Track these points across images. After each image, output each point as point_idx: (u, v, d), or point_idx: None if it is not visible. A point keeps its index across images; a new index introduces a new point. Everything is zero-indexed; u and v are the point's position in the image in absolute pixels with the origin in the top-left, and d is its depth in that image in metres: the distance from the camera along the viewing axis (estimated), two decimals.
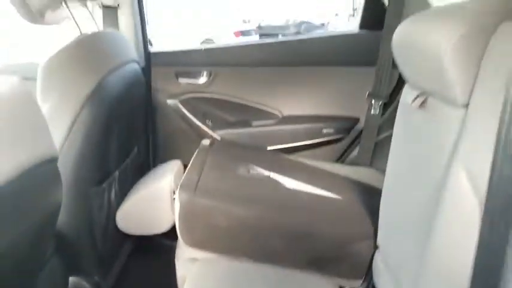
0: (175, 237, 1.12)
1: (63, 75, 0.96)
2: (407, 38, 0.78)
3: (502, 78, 0.55)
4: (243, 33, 9.54)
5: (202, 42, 9.40)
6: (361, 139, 1.51)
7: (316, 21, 11.82)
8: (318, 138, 1.58)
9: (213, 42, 9.32)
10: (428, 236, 0.71)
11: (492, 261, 0.56)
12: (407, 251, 0.81)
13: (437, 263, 0.69)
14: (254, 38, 9.82)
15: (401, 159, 0.90)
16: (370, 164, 1.47)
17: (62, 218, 0.87)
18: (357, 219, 1.08)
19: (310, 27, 11.39)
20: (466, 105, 0.63)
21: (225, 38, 9.10)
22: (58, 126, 0.93)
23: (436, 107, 0.73)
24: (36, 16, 1.00)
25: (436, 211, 0.69)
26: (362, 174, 1.37)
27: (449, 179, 0.66)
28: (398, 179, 0.91)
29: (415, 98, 0.79)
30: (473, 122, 0.62)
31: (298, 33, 11.55)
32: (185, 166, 1.27)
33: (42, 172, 0.63)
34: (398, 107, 0.92)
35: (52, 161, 0.66)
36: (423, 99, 0.77)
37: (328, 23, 11.96)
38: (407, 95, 0.86)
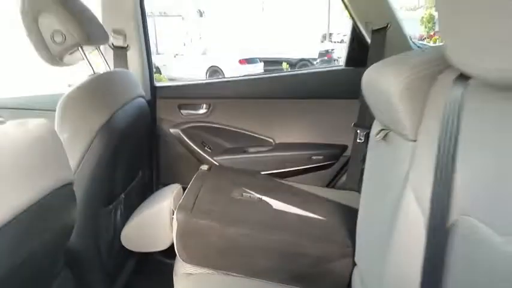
0: (175, 256, 1.24)
1: (79, 109, 1.10)
2: (370, 81, 0.92)
3: (438, 118, 0.68)
4: (248, 60, 9.85)
5: (208, 69, 9.70)
6: (348, 166, 1.64)
7: (322, 48, 12.10)
8: (308, 164, 1.71)
9: (219, 70, 9.63)
10: (388, 250, 0.82)
11: (435, 263, 0.67)
12: (377, 266, 0.92)
13: (395, 270, 0.81)
14: (259, 66, 10.11)
15: (371, 183, 1.02)
16: (358, 189, 1.59)
17: (73, 235, 0.99)
18: (338, 239, 1.19)
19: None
20: (415, 140, 0.77)
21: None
22: (73, 153, 1.07)
23: (394, 140, 0.86)
24: (56, 59, 1.16)
25: (393, 228, 0.80)
26: (349, 198, 1.48)
27: (403, 200, 0.78)
28: (368, 202, 1.03)
29: (379, 132, 0.92)
30: (419, 154, 0.75)
31: (302, 60, 11.84)
32: (185, 189, 1.39)
33: (61, 194, 0.76)
34: (370, 138, 1.05)
35: (69, 184, 0.80)
36: (385, 133, 0.90)
37: (332, 49, 12.28)
38: (374, 128, 0.99)
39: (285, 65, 11.43)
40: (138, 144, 1.49)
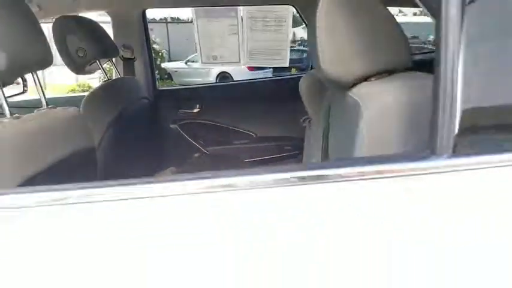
0: None
1: (95, 106, 1.46)
2: (300, 84, 1.28)
3: (326, 108, 1.04)
4: (256, 67, 10.15)
5: (218, 75, 10.05)
6: None
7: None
8: (282, 153, 2.07)
9: (229, 75, 9.97)
10: None
11: None
12: None
13: None
14: (268, 71, 10.40)
15: (305, 161, 1.39)
16: None
17: None
18: None
19: None
20: (317, 124, 1.13)
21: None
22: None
23: (312, 126, 1.23)
24: (79, 69, 1.55)
25: None
26: None
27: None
28: None
29: (304, 120, 1.28)
30: (318, 134, 1.11)
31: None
32: None
33: (85, 154, 1.11)
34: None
35: (91, 149, 1.15)
36: (308, 120, 1.26)
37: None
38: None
39: (294, 71, 11.71)
40: (142, 137, 1.86)
